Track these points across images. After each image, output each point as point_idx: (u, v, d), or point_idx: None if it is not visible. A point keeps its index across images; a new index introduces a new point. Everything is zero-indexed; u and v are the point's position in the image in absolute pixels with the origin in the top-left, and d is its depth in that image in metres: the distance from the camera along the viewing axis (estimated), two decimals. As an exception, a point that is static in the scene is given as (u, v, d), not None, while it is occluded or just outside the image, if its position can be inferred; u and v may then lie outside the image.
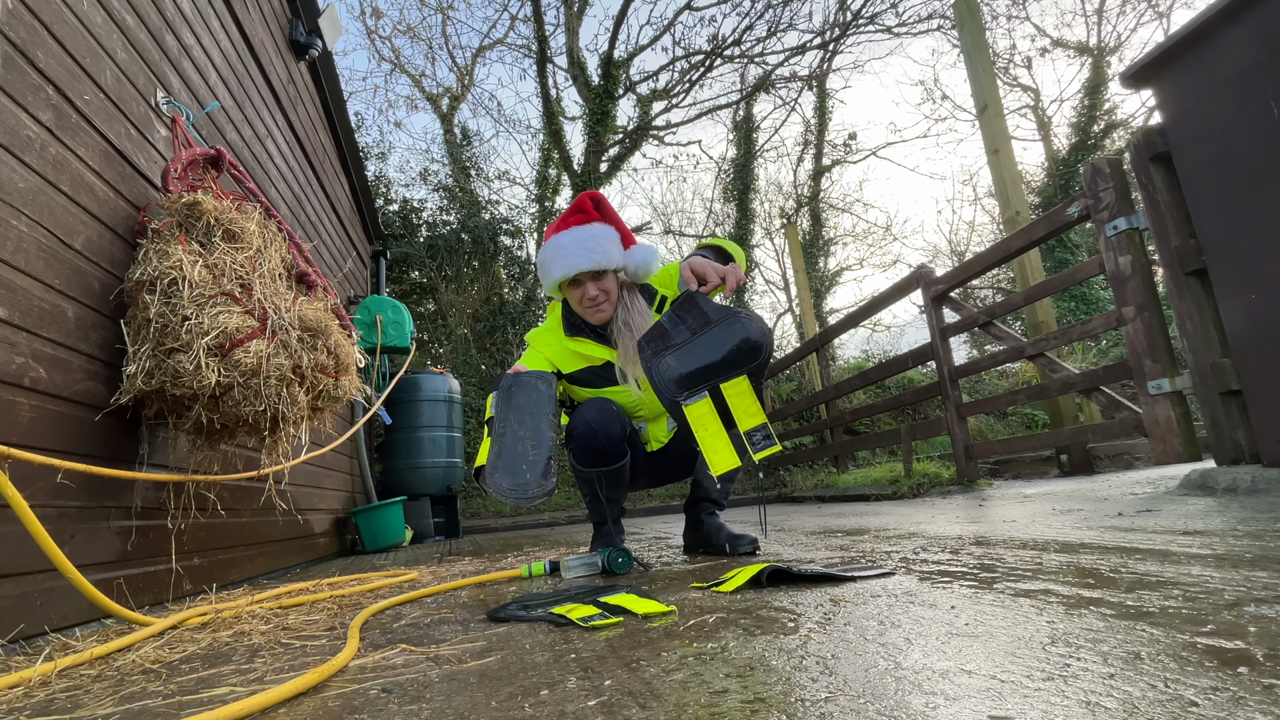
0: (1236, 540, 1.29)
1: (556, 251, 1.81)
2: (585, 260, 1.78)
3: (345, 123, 5.20)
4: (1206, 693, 0.54)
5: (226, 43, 2.98)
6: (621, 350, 1.85)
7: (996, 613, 0.88)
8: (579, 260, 1.78)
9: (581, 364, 1.93)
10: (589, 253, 1.79)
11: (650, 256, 1.89)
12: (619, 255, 1.84)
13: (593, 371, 1.93)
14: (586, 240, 1.80)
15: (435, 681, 0.84)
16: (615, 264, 1.83)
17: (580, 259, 1.78)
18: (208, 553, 2.30)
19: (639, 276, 1.90)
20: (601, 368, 1.93)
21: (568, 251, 1.79)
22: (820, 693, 0.64)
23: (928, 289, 4.24)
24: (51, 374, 1.58)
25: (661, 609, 1.11)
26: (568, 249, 1.80)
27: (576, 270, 1.78)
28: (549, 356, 1.94)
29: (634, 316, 1.84)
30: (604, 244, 1.81)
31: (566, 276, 1.80)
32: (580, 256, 1.78)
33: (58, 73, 1.69)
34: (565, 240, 1.81)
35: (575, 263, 1.78)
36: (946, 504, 3.15)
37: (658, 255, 1.93)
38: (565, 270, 1.79)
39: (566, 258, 1.79)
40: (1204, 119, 2.22)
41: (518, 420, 1.53)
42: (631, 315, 1.85)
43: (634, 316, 1.84)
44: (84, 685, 1.01)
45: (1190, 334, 2.37)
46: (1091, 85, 10.66)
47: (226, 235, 1.97)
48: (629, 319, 1.84)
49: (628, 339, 1.82)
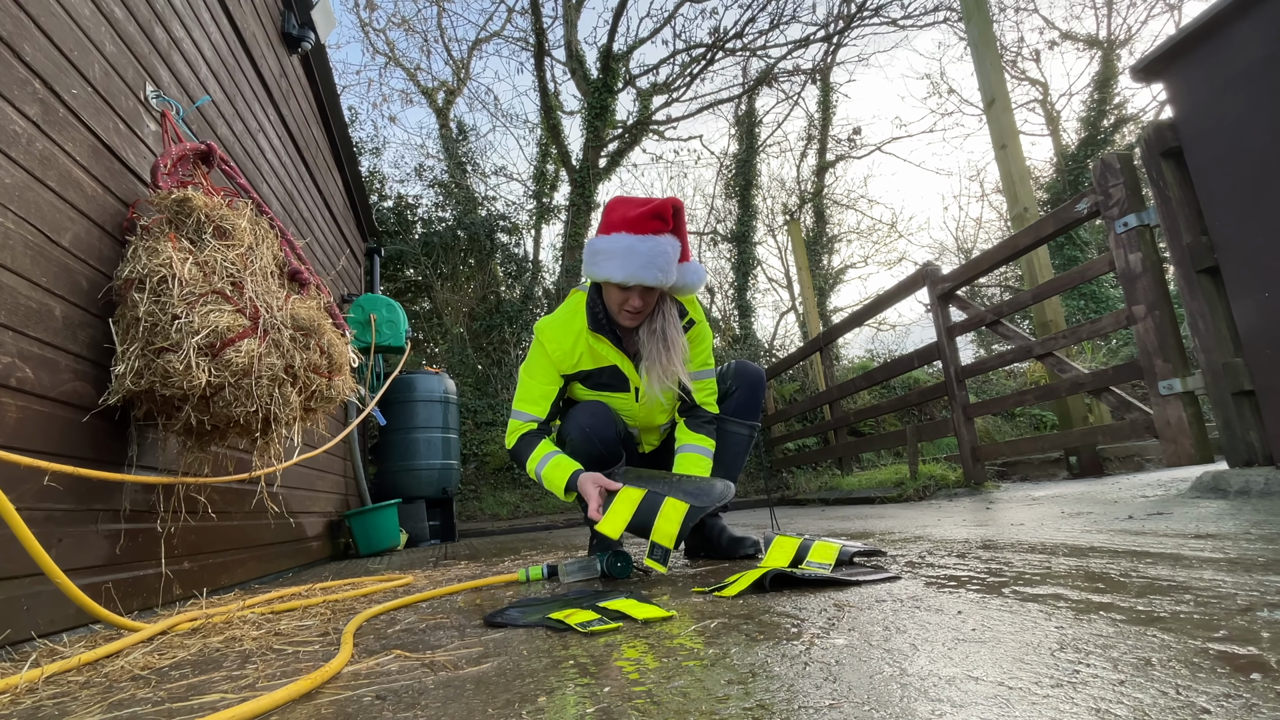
0: (1250, 544, 1.29)
1: (629, 255, 1.76)
2: (651, 276, 1.76)
3: (339, 117, 5.19)
4: (1218, 700, 0.54)
5: (217, 35, 2.97)
6: (648, 355, 1.85)
7: (1004, 618, 0.88)
8: (646, 274, 1.75)
9: (590, 363, 1.93)
10: (657, 270, 1.76)
11: (698, 279, 1.91)
12: (675, 272, 1.84)
13: (599, 373, 1.94)
14: (658, 256, 1.76)
15: (430, 688, 0.84)
16: (672, 281, 1.83)
17: (648, 273, 1.76)
18: (198, 556, 2.30)
19: (679, 293, 1.92)
20: (608, 371, 1.93)
21: (640, 261, 1.75)
22: (824, 699, 0.64)
23: (934, 287, 4.24)
24: (38, 374, 1.58)
25: (662, 614, 1.11)
26: (640, 257, 1.75)
27: (639, 281, 1.76)
28: (556, 359, 1.93)
29: (669, 327, 1.85)
30: (671, 262, 1.79)
31: (626, 283, 1.77)
32: (649, 271, 1.76)
33: (45, 66, 1.69)
34: (641, 247, 1.76)
35: (642, 275, 1.75)
36: (953, 507, 3.15)
37: (704, 279, 1.96)
38: (627, 277, 1.75)
39: (635, 266, 1.75)
40: (1216, 113, 2.22)
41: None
42: (667, 325, 1.85)
43: (669, 327, 1.85)
44: (72, 692, 1.01)
45: (1202, 333, 2.37)
46: (1101, 79, 10.67)
47: (217, 232, 1.97)
48: (665, 328, 1.84)
49: (660, 348, 1.83)
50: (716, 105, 11.79)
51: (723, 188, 12.10)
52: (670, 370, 1.82)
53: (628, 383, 1.95)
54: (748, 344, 10.22)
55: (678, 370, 1.83)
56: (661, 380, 1.84)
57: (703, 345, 2.01)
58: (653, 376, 1.85)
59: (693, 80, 11.32)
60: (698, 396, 1.98)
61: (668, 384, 1.84)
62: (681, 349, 1.85)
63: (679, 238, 1.85)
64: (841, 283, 13.67)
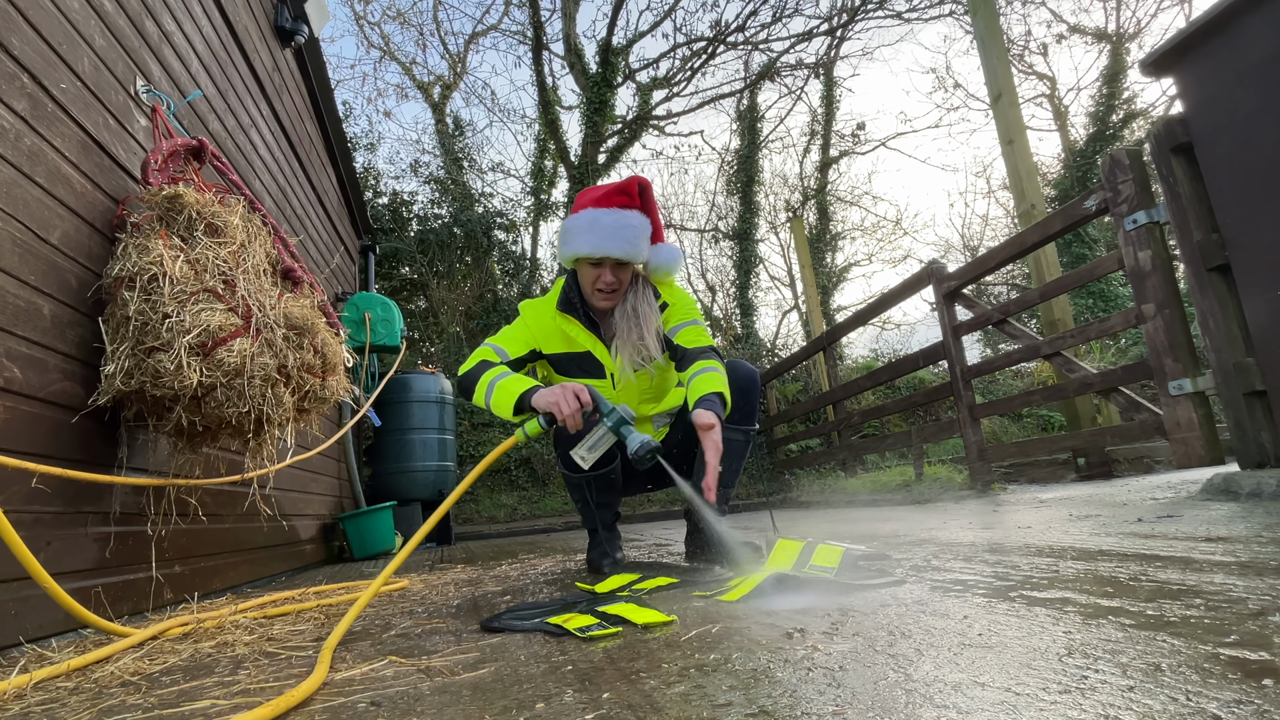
0: (1261, 547, 1.29)
1: (593, 227, 1.82)
2: (618, 247, 1.81)
3: (333, 112, 5.19)
4: (1230, 706, 0.54)
5: (209, 28, 2.97)
6: (620, 332, 1.88)
7: (1011, 623, 0.88)
8: (612, 245, 1.81)
9: (562, 346, 1.95)
10: (624, 241, 1.81)
11: (674, 260, 1.94)
12: (647, 250, 1.89)
13: (571, 358, 1.95)
14: (624, 228, 1.82)
15: (426, 694, 0.84)
16: (643, 259, 1.88)
17: (614, 244, 1.81)
18: (189, 560, 2.30)
19: (656, 274, 1.96)
20: (581, 356, 1.94)
21: (604, 232, 1.81)
22: (827, 706, 0.64)
23: (939, 285, 4.24)
24: (27, 374, 1.58)
25: (662, 618, 1.11)
26: (605, 229, 1.81)
27: (605, 253, 1.81)
28: (533, 332, 1.96)
29: (643, 305, 1.88)
30: (640, 236, 1.85)
31: (594, 255, 1.82)
32: (615, 242, 1.81)
33: (33, 60, 1.69)
34: (606, 220, 1.82)
35: (608, 246, 1.80)
36: (959, 509, 3.15)
37: (680, 260, 1.98)
38: (594, 249, 1.81)
39: (601, 237, 1.81)
40: (1228, 108, 2.22)
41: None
42: (640, 304, 1.88)
43: (643, 305, 1.88)
44: (60, 698, 1.01)
45: (1213, 332, 2.37)
46: (1110, 73, 10.66)
47: (209, 229, 1.97)
48: (639, 306, 1.87)
49: (632, 323, 1.85)
50: (718, 100, 11.79)
51: (724, 184, 12.10)
52: (642, 345, 1.84)
53: (603, 369, 1.96)
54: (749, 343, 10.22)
55: (647, 342, 1.83)
56: (633, 356, 1.86)
57: (678, 310, 1.92)
58: (624, 352, 1.87)
59: (694, 74, 11.33)
60: (685, 340, 1.85)
61: (639, 360, 1.85)
62: (654, 323, 1.87)
63: (648, 215, 1.89)
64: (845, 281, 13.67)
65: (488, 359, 1.86)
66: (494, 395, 1.72)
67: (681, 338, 1.88)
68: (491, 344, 1.92)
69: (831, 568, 1.41)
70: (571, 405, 1.52)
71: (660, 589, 1.50)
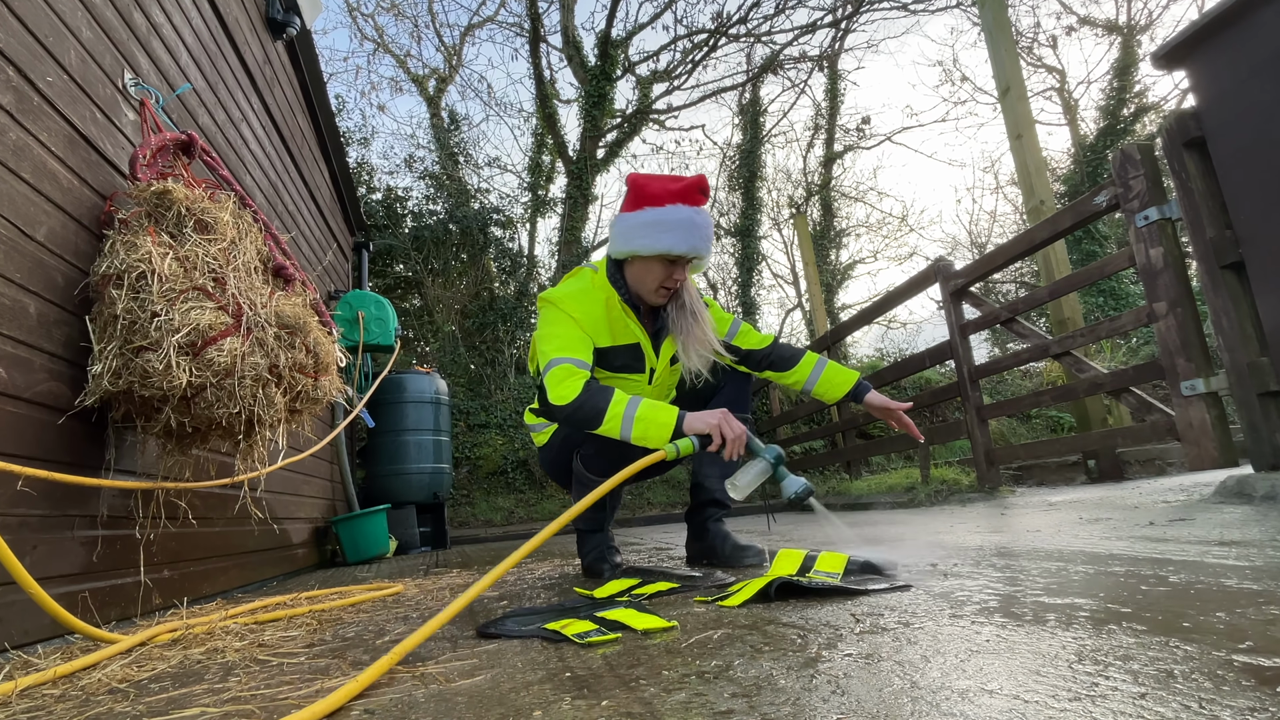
0: (1276, 551, 1.29)
1: (690, 227, 1.76)
2: (708, 248, 1.82)
3: (325, 106, 5.19)
4: (1244, 714, 0.54)
5: (199, 20, 2.97)
6: (683, 329, 1.87)
7: (1020, 628, 0.88)
8: (705, 247, 1.81)
9: (611, 339, 1.90)
10: (709, 241, 1.82)
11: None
12: None
13: (619, 352, 1.93)
14: (710, 229, 1.82)
15: (421, 702, 0.84)
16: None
17: (705, 246, 1.81)
18: (179, 564, 2.30)
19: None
20: (629, 350, 1.94)
21: (700, 233, 1.79)
22: (832, 713, 0.64)
23: (946, 283, 4.24)
24: (11, 374, 1.58)
25: (662, 624, 1.11)
26: (700, 230, 1.79)
27: (696, 254, 1.80)
28: (584, 327, 1.83)
29: (698, 305, 1.90)
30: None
31: (685, 255, 1.78)
32: (706, 244, 1.81)
33: (18, 52, 1.69)
34: (699, 220, 1.79)
35: (700, 247, 1.79)
36: (966, 512, 3.15)
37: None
38: (690, 248, 1.77)
39: (697, 239, 1.78)
40: (1241, 102, 2.22)
41: None
42: (697, 304, 1.90)
43: (698, 305, 1.90)
44: (46, 706, 1.01)
45: (1226, 331, 2.37)
46: (1121, 66, 10.67)
47: (199, 226, 1.96)
48: (692, 304, 1.88)
49: (688, 319, 1.86)
50: (719, 94, 11.80)
51: (726, 180, 12.11)
52: (705, 340, 1.86)
53: (644, 364, 1.95)
54: (752, 343, 10.22)
55: (711, 339, 1.87)
56: (700, 352, 1.87)
57: (714, 311, 2.07)
58: (690, 351, 1.87)
59: (695, 67, 11.34)
60: (745, 343, 2.06)
61: (706, 354, 1.87)
62: (707, 319, 1.91)
63: None
64: (850, 279, 13.69)
65: (582, 378, 1.71)
66: (636, 429, 1.64)
67: (746, 339, 2.06)
68: (566, 358, 1.74)
69: (836, 573, 1.41)
70: (736, 431, 1.60)
71: (661, 594, 1.50)
